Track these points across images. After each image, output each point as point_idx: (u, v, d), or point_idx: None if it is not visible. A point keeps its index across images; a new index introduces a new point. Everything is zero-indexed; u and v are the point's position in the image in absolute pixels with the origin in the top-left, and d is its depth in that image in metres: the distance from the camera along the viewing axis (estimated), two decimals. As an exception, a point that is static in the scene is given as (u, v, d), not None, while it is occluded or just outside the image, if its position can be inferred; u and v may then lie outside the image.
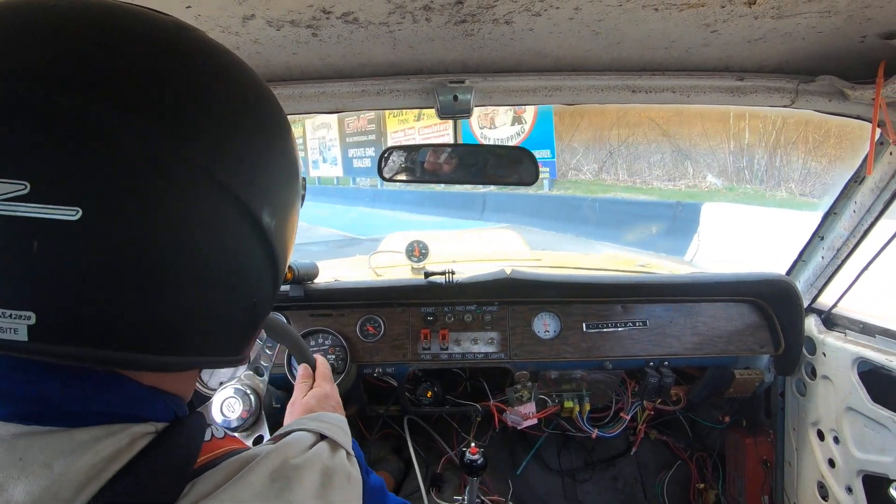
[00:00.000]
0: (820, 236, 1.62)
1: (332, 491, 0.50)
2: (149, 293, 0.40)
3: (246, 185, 0.44)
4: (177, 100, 0.41)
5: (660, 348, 1.77)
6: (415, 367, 1.78)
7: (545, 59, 1.17)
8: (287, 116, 0.53)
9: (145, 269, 0.39)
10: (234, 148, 0.44)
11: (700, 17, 0.92)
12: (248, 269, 0.46)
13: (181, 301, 0.42)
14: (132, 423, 0.43)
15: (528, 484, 2.31)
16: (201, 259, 0.42)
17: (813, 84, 1.25)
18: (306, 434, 0.55)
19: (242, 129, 0.45)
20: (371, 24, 0.92)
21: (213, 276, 0.43)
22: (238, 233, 0.44)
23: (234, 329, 0.48)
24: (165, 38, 0.44)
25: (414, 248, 2.23)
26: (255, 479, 0.45)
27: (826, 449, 1.66)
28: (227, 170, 0.43)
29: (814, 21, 0.94)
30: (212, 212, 0.42)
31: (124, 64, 0.40)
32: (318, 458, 0.52)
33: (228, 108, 0.45)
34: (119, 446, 0.41)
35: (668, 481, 2.24)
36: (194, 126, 0.41)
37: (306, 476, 0.48)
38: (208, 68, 0.45)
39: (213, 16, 0.85)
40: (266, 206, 0.46)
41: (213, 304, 0.44)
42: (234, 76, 0.47)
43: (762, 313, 1.79)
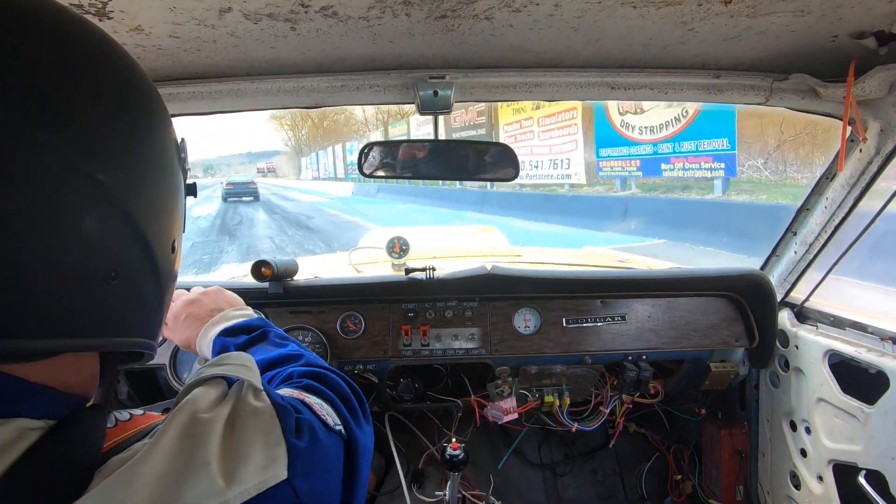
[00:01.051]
0: (793, 231, 1.65)
1: (245, 428, 0.49)
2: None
3: (91, 159, 0.42)
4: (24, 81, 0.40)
5: (638, 342, 1.79)
6: (396, 363, 1.77)
7: (525, 55, 1.18)
8: (160, 101, 0.53)
9: None
10: (66, 112, 0.42)
11: (677, 14, 0.93)
12: (94, 240, 0.43)
13: (24, 283, 0.39)
14: (18, 418, 0.41)
15: (508, 478, 2.32)
16: (38, 237, 0.39)
17: (786, 82, 1.28)
18: (210, 386, 0.53)
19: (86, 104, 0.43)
20: (350, 18, 0.91)
21: (54, 252, 0.40)
22: (79, 203, 0.41)
23: (98, 307, 0.45)
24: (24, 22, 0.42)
25: (395, 245, 2.22)
26: (164, 442, 0.44)
27: (798, 439, 1.70)
28: (75, 148, 0.41)
29: (787, 20, 0.96)
30: (50, 187, 0.40)
31: None
32: (224, 407, 0.50)
33: (71, 85, 0.43)
34: (5, 439, 0.40)
35: (646, 473, 2.27)
36: (38, 102, 0.40)
37: (216, 424, 0.48)
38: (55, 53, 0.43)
39: (188, 8, 0.84)
40: (109, 170, 0.44)
41: (57, 280, 0.41)
42: (85, 54, 0.45)
43: (737, 307, 1.82)
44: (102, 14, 0.83)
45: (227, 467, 0.45)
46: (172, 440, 0.44)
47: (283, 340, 0.87)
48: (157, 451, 0.43)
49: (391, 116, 34.11)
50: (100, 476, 0.41)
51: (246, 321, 0.93)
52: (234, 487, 0.44)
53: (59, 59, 0.42)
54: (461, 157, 1.43)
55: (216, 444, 0.46)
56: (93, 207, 0.42)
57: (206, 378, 0.54)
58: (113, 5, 0.81)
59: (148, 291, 0.50)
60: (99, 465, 0.42)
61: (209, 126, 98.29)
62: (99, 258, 0.43)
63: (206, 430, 0.47)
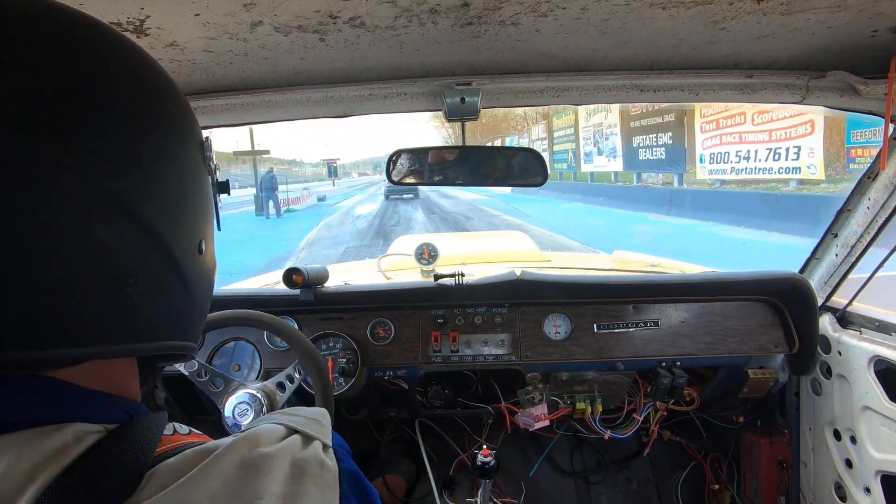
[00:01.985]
0: (833, 233, 1.60)
1: (305, 478, 0.48)
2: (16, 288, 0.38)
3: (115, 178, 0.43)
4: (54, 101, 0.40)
5: (672, 348, 1.75)
6: (426, 369, 1.77)
7: (552, 59, 1.17)
8: (190, 114, 0.53)
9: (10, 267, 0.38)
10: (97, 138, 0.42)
11: (708, 14, 0.92)
12: (106, 248, 0.43)
13: (39, 294, 0.39)
14: (76, 423, 0.42)
15: (540, 486, 2.30)
16: (58, 251, 0.40)
17: (824, 80, 1.24)
18: (277, 426, 0.53)
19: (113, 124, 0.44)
20: (378, 28, 0.92)
21: (67, 261, 0.40)
22: (87, 211, 0.41)
23: (119, 313, 0.45)
24: (56, 38, 0.42)
25: (423, 251, 2.23)
26: (223, 467, 0.44)
27: (843, 449, 1.64)
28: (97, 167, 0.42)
29: (823, 16, 0.93)
30: (71, 203, 0.40)
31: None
32: (289, 448, 0.50)
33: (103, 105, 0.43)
34: (63, 442, 0.40)
35: (682, 482, 2.22)
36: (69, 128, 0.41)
37: (276, 465, 0.47)
38: (85, 67, 0.43)
39: (221, 23, 0.86)
40: (119, 176, 0.43)
41: (72, 288, 0.41)
42: (120, 72, 0.46)
43: (776, 312, 1.77)
44: (140, 31, 0.86)
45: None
46: (231, 466, 0.44)
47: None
48: (214, 473, 0.43)
49: (552, 109, 33.42)
50: (150, 479, 0.42)
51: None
52: None
53: (63, 65, 0.42)
54: (489, 163, 1.43)
55: (273, 482, 0.46)
56: (102, 215, 0.42)
57: (275, 422, 0.54)
58: (150, 22, 0.84)
59: (173, 295, 0.50)
60: (150, 466, 0.43)
61: (373, 126, 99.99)
62: (113, 265, 0.43)
63: (265, 465, 0.46)
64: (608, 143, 21.47)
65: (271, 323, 1.28)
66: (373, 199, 30.85)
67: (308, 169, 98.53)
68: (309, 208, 27.65)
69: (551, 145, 32.13)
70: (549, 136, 32.92)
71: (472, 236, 5.15)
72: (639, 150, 18.83)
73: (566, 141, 29.38)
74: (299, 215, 23.41)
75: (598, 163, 22.77)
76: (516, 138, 43.25)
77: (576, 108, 20.19)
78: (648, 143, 18.33)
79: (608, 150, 21.43)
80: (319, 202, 31.68)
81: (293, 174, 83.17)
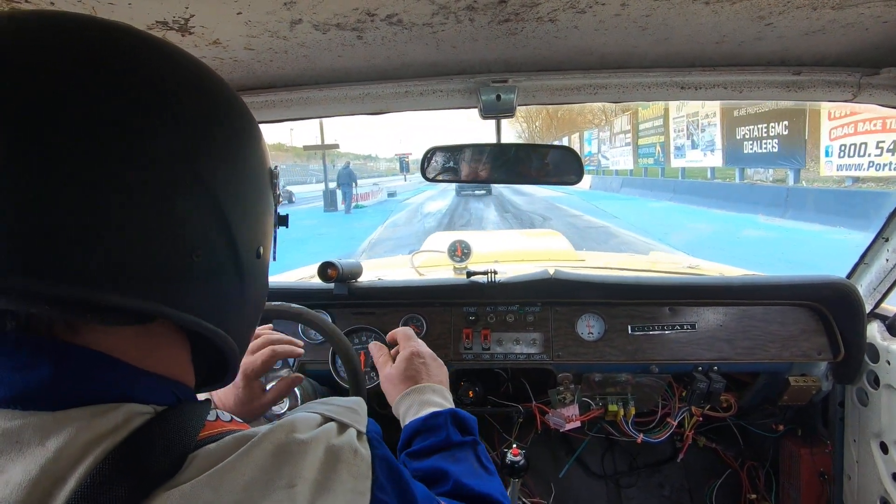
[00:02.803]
0: (884, 238, 1.53)
1: (339, 465, 0.49)
2: (96, 231, 0.42)
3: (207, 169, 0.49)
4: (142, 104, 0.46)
5: (709, 352, 1.71)
6: (457, 366, 1.78)
7: (590, 56, 1.16)
8: (253, 119, 0.59)
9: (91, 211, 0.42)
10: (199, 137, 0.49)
11: (753, 9, 0.89)
12: (183, 216, 0.47)
13: (118, 241, 0.43)
14: (128, 403, 0.44)
15: (570, 487, 2.28)
16: (143, 208, 0.44)
17: (877, 77, 1.19)
18: (313, 415, 0.54)
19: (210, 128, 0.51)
20: (415, 25, 0.93)
21: (148, 219, 0.45)
22: (174, 182, 0.47)
23: (184, 280, 0.48)
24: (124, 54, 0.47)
25: (456, 248, 2.23)
26: (258, 454, 0.45)
27: (890, 462, 1.57)
28: (197, 161, 0.48)
29: (878, 10, 0.89)
30: (167, 182, 0.46)
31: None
32: (324, 435, 0.51)
33: (197, 114, 0.50)
34: (115, 423, 0.42)
35: (717, 490, 2.16)
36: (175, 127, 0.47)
37: (311, 452, 0.48)
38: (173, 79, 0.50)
39: (262, 21, 0.88)
40: (206, 160, 0.50)
41: (147, 243, 0.45)
42: (195, 84, 0.52)
43: (820, 318, 1.71)
44: (185, 30, 0.89)
45: (310, 495, 0.46)
46: (266, 453, 0.46)
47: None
48: (249, 460, 0.45)
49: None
50: (191, 462, 0.44)
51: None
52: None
53: (184, 80, 0.50)
54: (523, 161, 1.42)
55: (307, 469, 0.47)
56: (183, 186, 0.47)
57: (311, 412, 0.56)
58: (194, 21, 0.86)
59: (228, 282, 0.53)
60: (193, 450, 0.45)
61: (446, 120, 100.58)
62: (187, 233, 0.47)
63: (300, 451, 0.48)
64: (704, 136, 19.34)
65: (306, 316, 1.30)
66: (444, 195, 29.76)
67: (383, 164, 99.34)
68: (378, 204, 26.88)
69: (636, 139, 30.07)
70: (634, 128, 30.52)
71: (506, 234, 5.13)
72: (744, 142, 16.72)
73: (653, 133, 27.07)
74: (367, 212, 22.69)
75: (692, 157, 20.59)
76: (595, 132, 40.79)
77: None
78: (757, 133, 16.21)
79: (704, 143, 19.29)
80: (389, 198, 30.87)
81: (368, 169, 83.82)
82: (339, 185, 22.84)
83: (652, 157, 27.29)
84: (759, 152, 16.17)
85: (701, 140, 19.51)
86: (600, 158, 38.26)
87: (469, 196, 26.82)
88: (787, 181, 15.60)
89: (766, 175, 17.17)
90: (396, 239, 13.42)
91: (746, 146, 16.52)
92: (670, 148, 23.05)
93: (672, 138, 22.40)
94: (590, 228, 13.82)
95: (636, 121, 29.98)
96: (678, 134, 21.70)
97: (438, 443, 0.87)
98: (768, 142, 15.77)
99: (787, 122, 15.16)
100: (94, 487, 0.39)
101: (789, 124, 15.13)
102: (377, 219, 18.52)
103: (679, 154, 21.80)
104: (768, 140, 15.78)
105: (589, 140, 40.63)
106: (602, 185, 30.06)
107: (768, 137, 15.76)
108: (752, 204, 14.79)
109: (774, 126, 15.52)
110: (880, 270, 1.58)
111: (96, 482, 0.39)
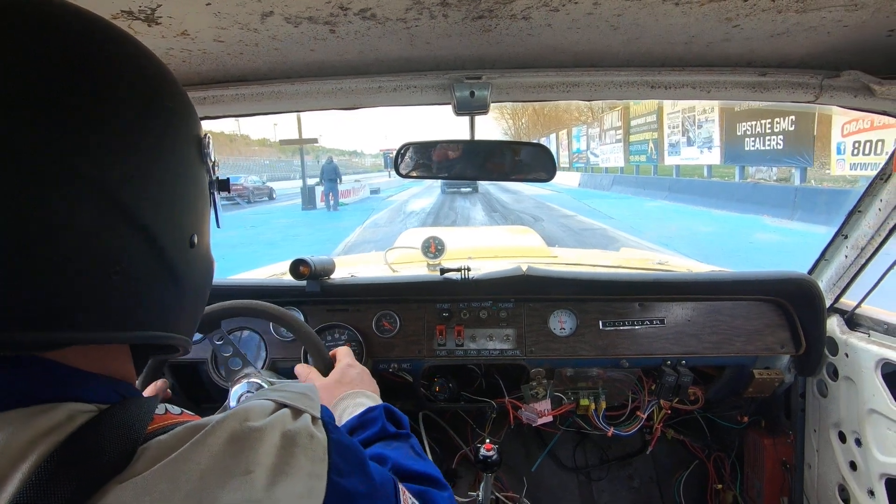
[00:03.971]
0: (843, 234, 1.58)
1: (296, 449, 0.49)
2: (23, 274, 0.40)
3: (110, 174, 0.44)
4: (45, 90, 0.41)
5: (678, 347, 1.75)
6: (430, 362, 1.78)
7: (563, 54, 1.16)
8: (158, 95, 0.51)
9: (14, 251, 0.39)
10: (95, 131, 0.44)
11: (721, 11, 0.91)
12: (89, 235, 0.44)
13: (23, 278, 0.41)
14: (69, 402, 0.43)
15: (542, 481, 2.31)
16: (61, 238, 0.42)
17: (838, 79, 1.23)
18: (266, 402, 0.53)
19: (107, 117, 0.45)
20: (388, 20, 0.92)
21: (49, 247, 0.42)
22: (71, 199, 0.42)
23: (103, 301, 0.46)
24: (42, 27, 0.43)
25: (430, 245, 2.23)
26: (212, 442, 0.45)
27: (848, 451, 1.63)
28: (91, 158, 0.43)
29: (839, 15, 0.92)
30: (73, 199, 0.42)
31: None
32: (279, 421, 0.50)
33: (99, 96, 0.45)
34: (57, 421, 0.41)
35: (684, 481, 2.22)
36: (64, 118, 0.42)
37: (266, 438, 0.48)
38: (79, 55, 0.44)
39: (232, 12, 0.86)
40: (103, 165, 0.44)
41: (55, 274, 0.42)
42: (104, 60, 0.46)
43: (783, 313, 1.76)
44: (151, 20, 0.87)
45: (266, 481, 0.45)
46: (221, 441, 0.45)
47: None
48: (204, 449, 0.44)
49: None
50: (142, 454, 0.43)
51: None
52: (267, 502, 0.45)
53: (53, 56, 0.42)
54: (497, 158, 1.42)
55: (263, 455, 0.47)
56: (87, 202, 0.43)
57: (265, 398, 0.55)
58: (161, 11, 0.84)
59: (160, 285, 0.51)
60: (142, 442, 0.44)
61: (434, 116, 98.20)
62: (98, 253, 0.44)
63: (255, 438, 0.47)
64: (701, 132, 18.18)
65: (275, 313, 1.28)
66: (429, 192, 28.58)
67: (368, 160, 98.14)
68: (360, 202, 25.49)
69: (627, 135, 28.84)
70: (625, 124, 29.14)
71: (479, 231, 5.15)
72: (745, 138, 15.63)
73: (646, 130, 25.86)
74: (347, 210, 21.26)
75: (688, 154, 19.39)
76: (584, 128, 39.21)
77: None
78: (760, 129, 15.05)
79: (701, 139, 18.14)
80: (372, 195, 29.45)
81: (354, 165, 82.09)
82: (323, 181, 21.66)
83: (644, 155, 26.46)
84: (762, 149, 15.19)
85: (698, 137, 18.63)
86: (589, 155, 37.59)
87: (455, 194, 26.04)
88: (793, 180, 14.72)
89: (768, 174, 16.46)
90: (376, 242, 12.33)
91: (748, 143, 15.61)
92: (664, 145, 22.24)
93: (666, 135, 21.49)
94: (585, 231, 12.99)
95: (628, 117, 28.92)
96: (673, 130, 20.78)
97: (375, 433, 0.89)
98: (772, 138, 14.73)
99: (794, 118, 14.17)
100: (41, 485, 0.38)
101: (797, 119, 14.10)
102: (357, 218, 17.52)
103: (673, 151, 20.94)
104: (772, 136, 14.74)
105: (578, 136, 39.68)
106: (592, 182, 29.14)
107: (773, 134, 14.73)
108: (755, 204, 13.97)
109: (780, 122, 14.45)
110: (839, 266, 1.63)
111: (42, 480, 0.38)
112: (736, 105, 15.62)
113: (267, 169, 48.84)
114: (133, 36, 0.51)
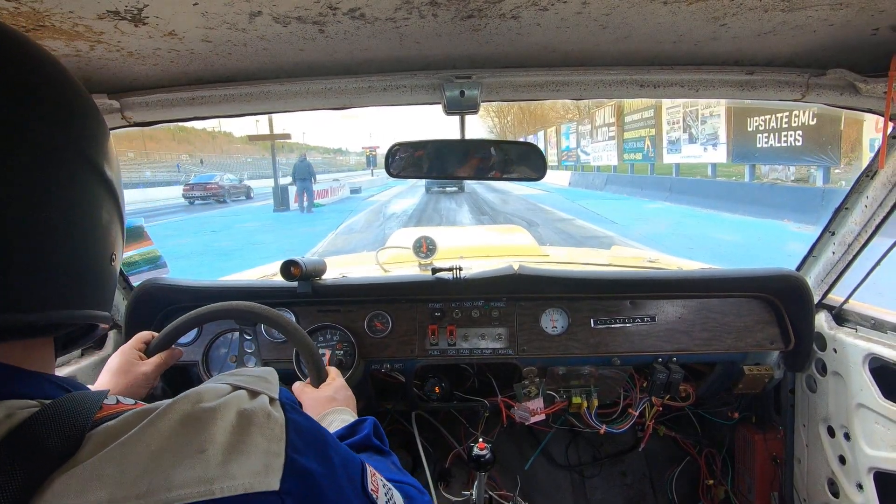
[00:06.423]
0: (831, 231, 1.60)
1: (252, 428, 0.49)
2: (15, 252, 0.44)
3: (95, 146, 0.52)
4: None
5: (669, 344, 1.76)
6: (423, 362, 1.78)
7: (553, 53, 1.17)
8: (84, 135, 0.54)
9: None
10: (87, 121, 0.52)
11: (709, 10, 0.91)
12: (104, 224, 0.53)
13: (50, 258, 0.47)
14: (8, 400, 0.43)
15: (535, 479, 2.31)
16: (57, 220, 0.47)
17: (824, 77, 1.24)
18: (221, 385, 0.53)
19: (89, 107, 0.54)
20: (378, 19, 0.92)
21: (74, 233, 0.49)
22: (93, 191, 0.51)
23: (100, 282, 0.54)
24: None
25: (421, 244, 2.22)
26: (164, 424, 0.45)
27: (837, 445, 1.65)
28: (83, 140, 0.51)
29: (824, 14, 0.93)
30: (69, 178, 0.48)
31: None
32: (235, 401, 0.50)
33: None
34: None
35: (676, 477, 2.23)
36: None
37: (221, 417, 0.47)
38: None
39: (220, 12, 0.86)
40: (107, 164, 0.54)
41: (80, 258, 0.51)
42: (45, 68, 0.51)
43: (772, 309, 1.78)
44: (138, 20, 0.86)
45: (221, 458, 0.45)
46: (173, 422, 0.45)
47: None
48: (154, 430, 0.44)
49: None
50: (88, 441, 0.43)
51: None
52: (222, 480, 0.44)
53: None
54: (487, 157, 1.42)
55: (217, 434, 0.46)
56: (104, 202, 0.53)
57: (220, 382, 0.54)
58: (148, 11, 0.83)
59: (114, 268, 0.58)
60: (90, 430, 0.44)
61: (419, 115, 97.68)
62: (109, 239, 0.54)
63: (209, 417, 0.47)
64: (705, 128, 16.56)
65: (267, 315, 1.28)
66: (412, 191, 27.05)
67: (353, 158, 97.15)
68: (338, 202, 23.91)
69: (621, 132, 27.06)
70: (619, 120, 27.28)
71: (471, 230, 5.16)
72: (756, 134, 13.91)
73: (642, 126, 24.19)
74: (323, 212, 19.68)
75: (689, 152, 17.74)
76: (574, 125, 37.60)
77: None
78: (775, 124, 13.44)
79: (705, 136, 16.57)
80: (353, 194, 27.96)
81: (338, 163, 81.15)
82: (295, 181, 20.40)
83: (640, 153, 24.59)
84: (777, 146, 13.58)
85: (701, 133, 17.00)
86: (579, 153, 36.64)
87: (440, 193, 25.11)
88: (814, 181, 13.11)
89: (784, 174, 14.69)
90: (350, 249, 10.63)
91: (760, 139, 13.91)
92: (662, 142, 20.71)
93: (665, 131, 20.08)
94: (589, 239, 11.45)
95: (622, 113, 27.16)
96: (672, 127, 19.29)
97: (360, 440, 0.90)
98: (789, 134, 13.08)
99: (814, 111, 12.50)
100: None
101: (819, 113, 12.40)
102: (332, 221, 16.13)
103: (673, 149, 19.38)
104: (790, 132, 13.09)
105: (567, 134, 38.48)
106: (583, 181, 27.76)
107: (790, 129, 13.11)
108: (772, 207, 12.31)
109: (798, 115, 12.88)
110: (827, 263, 1.65)
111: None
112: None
113: (248, 167, 48.40)
114: (40, 49, 0.51)
